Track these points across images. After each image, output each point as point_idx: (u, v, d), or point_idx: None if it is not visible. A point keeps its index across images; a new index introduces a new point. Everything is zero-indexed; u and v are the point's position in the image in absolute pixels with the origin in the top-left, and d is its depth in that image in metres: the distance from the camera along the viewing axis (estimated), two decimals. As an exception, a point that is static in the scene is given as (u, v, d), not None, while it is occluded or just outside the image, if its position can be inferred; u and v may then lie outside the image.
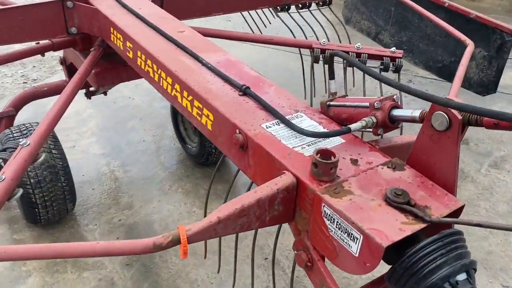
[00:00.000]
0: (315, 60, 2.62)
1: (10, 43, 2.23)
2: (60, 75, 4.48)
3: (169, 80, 1.70)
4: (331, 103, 1.46)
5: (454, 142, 1.12)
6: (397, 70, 2.58)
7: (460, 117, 1.10)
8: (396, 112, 1.29)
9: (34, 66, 4.68)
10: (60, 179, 2.48)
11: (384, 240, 0.98)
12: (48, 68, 4.69)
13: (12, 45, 2.73)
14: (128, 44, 1.98)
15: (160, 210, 2.86)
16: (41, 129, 1.70)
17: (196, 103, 1.56)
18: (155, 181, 3.11)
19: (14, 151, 1.58)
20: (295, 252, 1.23)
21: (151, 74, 1.84)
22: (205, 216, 1.86)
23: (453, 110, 1.10)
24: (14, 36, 2.18)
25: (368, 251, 1.01)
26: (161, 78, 1.76)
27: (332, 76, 1.51)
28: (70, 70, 2.95)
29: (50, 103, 3.43)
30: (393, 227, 1.02)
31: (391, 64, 2.58)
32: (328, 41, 2.73)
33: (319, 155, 1.15)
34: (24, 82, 4.37)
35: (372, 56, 2.60)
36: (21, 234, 2.64)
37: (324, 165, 1.13)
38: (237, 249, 1.84)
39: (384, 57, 2.57)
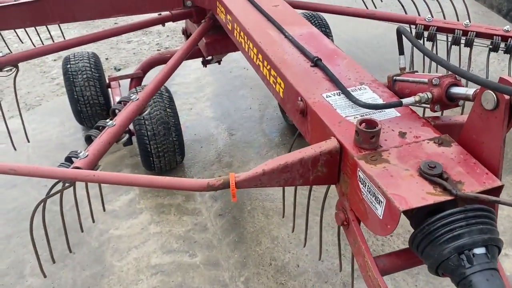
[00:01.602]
0: (417, 36, 2.56)
1: (138, 13, 2.62)
2: (188, 45, 4.98)
3: (255, 50, 1.88)
4: (397, 78, 1.50)
5: (500, 122, 1.11)
6: (509, 50, 2.40)
7: (507, 97, 1.08)
8: (454, 90, 1.30)
9: (167, 36, 5.25)
10: (172, 134, 2.86)
11: (402, 205, 1.05)
12: (179, 37, 5.22)
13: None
14: (228, 17, 2.21)
15: (255, 172, 3.11)
16: (149, 88, 2.03)
17: (272, 72, 1.72)
18: (254, 145, 3.37)
19: (126, 103, 1.93)
20: (335, 211, 1.35)
21: (243, 45, 2.04)
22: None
23: (503, 91, 1.09)
24: (141, 8, 2.56)
25: (389, 214, 1.09)
26: (250, 49, 1.95)
27: (401, 51, 1.53)
28: (190, 39, 3.32)
29: (178, 68, 3.90)
30: (417, 195, 1.08)
31: (502, 44, 2.41)
32: (444, 17, 2.64)
33: (363, 124, 1.24)
34: (158, 50, 4.95)
35: (481, 35, 2.46)
36: (140, 178, 3.13)
37: (365, 133, 1.21)
38: (308, 212, 1.98)
39: (494, 36, 2.41)
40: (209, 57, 3.36)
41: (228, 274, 2.43)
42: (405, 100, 1.32)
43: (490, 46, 2.43)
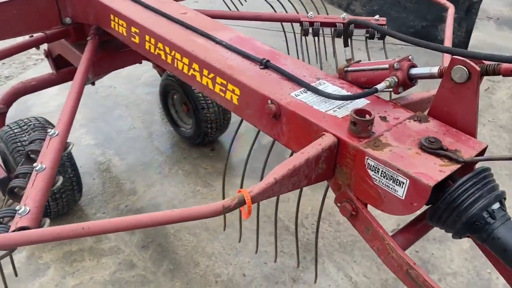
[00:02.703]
0: (305, 33, 2.71)
1: (6, 37, 2.20)
2: (33, 71, 4.39)
3: (185, 60, 1.76)
4: (348, 68, 1.57)
5: (474, 92, 1.26)
6: (382, 37, 2.72)
7: (478, 68, 1.24)
8: (415, 71, 1.42)
9: (3, 63, 4.53)
10: (67, 170, 2.49)
11: (430, 181, 1.11)
12: (18, 64, 4.56)
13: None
14: (133, 29, 2.01)
15: (165, 193, 2.92)
16: (64, 119, 1.72)
17: (218, 80, 1.63)
18: (153, 165, 3.16)
19: (43, 141, 1.61)
20: (338, 204, 1.36)
21: (163, 57, 1.88)
22: (223, 194, 1.98)
23: (471, 63, 1.24)
24: (10, 31, 2.15)
25: (415, 192, 1.14)
26: (176, 60, 1.81)
27: (346, 43, 1.62)
28: (57, 62, 2.92)
29: (32, 98, 3.40)
30: (434, 170, 1.15)
31: (375, 32, 2.71)
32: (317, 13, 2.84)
33: (355, 114, 1.27)
34: (-4, 80, 4.24)
35: (358, 25, 2.72)
36: (30, 230, 2.64)
37: (363, 122, 1.25)
38: (258, 219, 1.95)
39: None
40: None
41: (177, 306, 2.24)
42: (379, 86, 1.39)
43: (367, 35, 2.71)
